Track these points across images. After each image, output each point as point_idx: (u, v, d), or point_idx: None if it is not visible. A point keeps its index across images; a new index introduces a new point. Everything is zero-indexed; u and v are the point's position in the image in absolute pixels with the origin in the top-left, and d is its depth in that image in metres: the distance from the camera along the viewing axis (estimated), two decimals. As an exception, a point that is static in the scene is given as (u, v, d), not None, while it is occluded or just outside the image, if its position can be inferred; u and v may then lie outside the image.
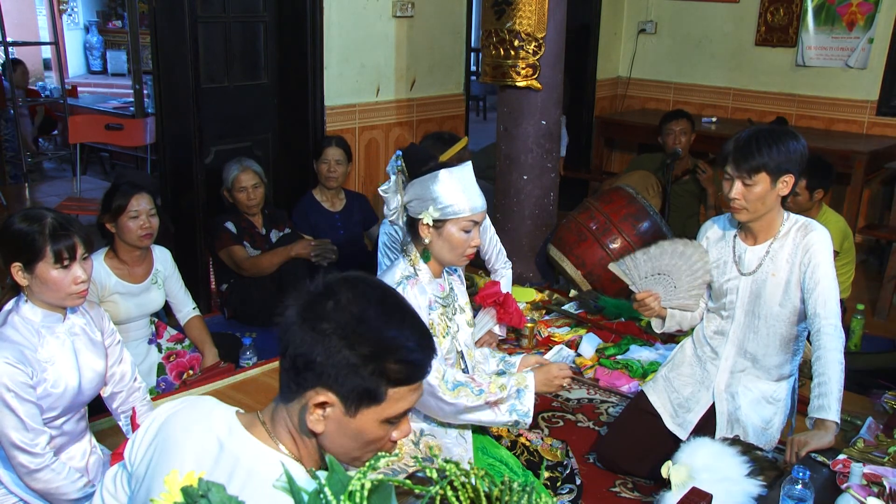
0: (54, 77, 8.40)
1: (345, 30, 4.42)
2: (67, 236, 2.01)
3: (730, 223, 2.59)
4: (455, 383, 2.13)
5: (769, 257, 2.46)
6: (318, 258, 3.80)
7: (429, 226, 2.14)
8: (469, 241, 2.16)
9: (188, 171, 4.00)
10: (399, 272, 2.20)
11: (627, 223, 4.04)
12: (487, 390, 2.16)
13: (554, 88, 4.23)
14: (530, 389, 2.22)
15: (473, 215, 2.15)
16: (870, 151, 4.79)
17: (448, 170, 2.12)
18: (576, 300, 4.02)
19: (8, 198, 6.04)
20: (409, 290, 2.15)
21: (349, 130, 4.56)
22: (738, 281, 2.51)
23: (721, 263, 2.56)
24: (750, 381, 2.55)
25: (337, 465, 1.06)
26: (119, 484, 1.31)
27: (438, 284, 2.26)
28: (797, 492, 1.90)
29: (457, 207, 2.12)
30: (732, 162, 2.37)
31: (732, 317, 2.54)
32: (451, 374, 2.14)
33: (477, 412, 2.17)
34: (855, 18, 5.17)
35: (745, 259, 2.50)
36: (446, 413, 2.17)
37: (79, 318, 2.17)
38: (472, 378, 2.18)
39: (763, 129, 2.41)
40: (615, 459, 2.68)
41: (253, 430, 1.22)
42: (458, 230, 2.14)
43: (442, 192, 2.11)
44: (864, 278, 4.75)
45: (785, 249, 2.44)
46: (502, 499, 1.10)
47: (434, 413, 2.19)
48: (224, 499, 0.99)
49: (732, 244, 2.55)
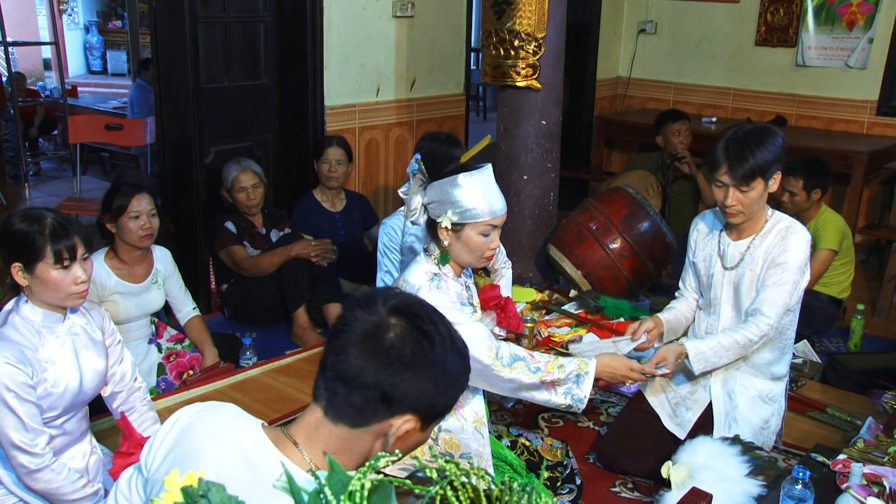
0: (54, 77, 8.41)
1: (345, 30, 4.42)
2: (67, 236, 2.01)
3: (718, 218, 2.61)
4: (512, 357, 2.14)
5: (749, 252, 2.48)
6: (318, 258, 3.80)
7: (447, 229, 2.13)
8: (488, 244, 2.16)
9: (188, 171, 4.00)
10: (425, 271, 2.19)
11: (627, 223, 4.04)
12: (544, 369, 2.16)
13: (554, 88, 4.23)
14: (590, 376, 2.22)
15: (493, 219, 2.14)
16: (870, 151, 4.79)
17: (468, 173, 2.11)
18: (576, 300, 4.02)
19: (8, 198, 6.05)
20: (443, 285, 2.16)
21: (349, 130, 4.56)
22: (721, 276, 2.54)
23: (707, 258, 2.59)
24: (746, 380, 2.55)
25: (337, 465, 1.05)
26: (134, 487, 1.28)
27: (460, 283, 2.28)
28: (797, 492, 1.90)
29: (476, 211, 2.10)
30: (728, 172, 2.35)
31: (718, 313, 2.57)
32: (505, 349, 2.15)
33: (533, 390, 2.18)
34: (855, 18, 5.17)
35: (728, 253, 2.53)
36: (503, 388, 2.19)
37: (79, 317, 2.17)
38: (532, 354, 2.18)
39: (748, 133, 2.37)
40: (614, 459, 2.69)
41: (282, 447, 1.20)
42: (476, 234, 2.14)
43: (461, 196, 2.09)
44: (864, 278, 4.75)
45: (764, 245, 2.45)
46: (502, 499, 1.10)
47: (492, 388, 2.20)
48: (224, 499, 0.99)
49: (718, 239, 2.57)
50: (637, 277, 4.08)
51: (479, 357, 2.09)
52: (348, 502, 0.99)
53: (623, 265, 4.03)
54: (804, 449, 2.72)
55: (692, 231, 2.68)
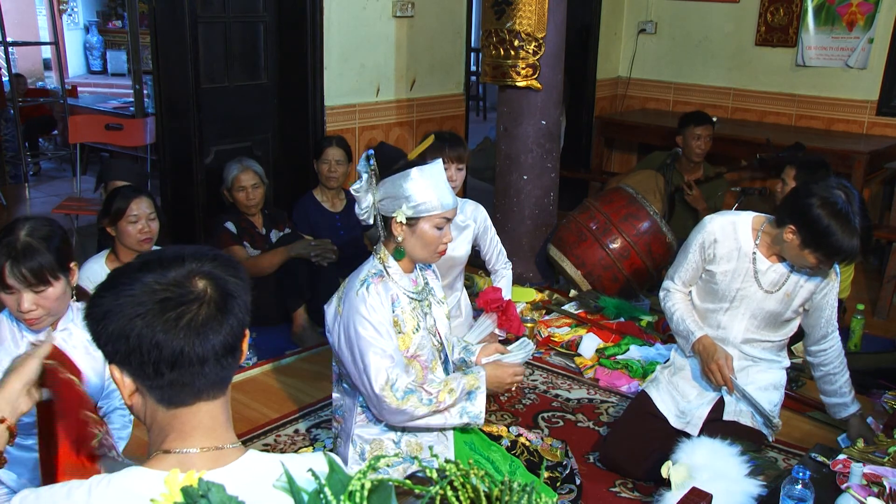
0: (54, 77, 8.40)
1: (345, 30, 4.42)
2: (31, 258, 1.94)
3: (746, 233, 2.58)
4: (406, 391, 2.16)
5: (791, 278, 2.54)
6: (318, 258, 3.80)
7: (402, 223, 2.17)
8: (441, 238, 2.21)
9: (188, 171, 4.01)
10: (367, 270, 2.25)
11: (627, 223, 4.04)
12: (437, 399, 2.20)
13: (554, 88, 4.23)
14: (482, 391, 2.28)
15: (445, 212, 2.19)
16: (870, 151, 4.78)
17: (419, 168, 2.16)
18: (576, 300, 4.02)
19: (8, 198, 6.05)
20: (372, 289, 2.19)
21: (349, 130, 4.56)
22: (754, 294, 2.57)
23: (731, 272, 2.58)
24: (758, 374, 2.64)
25: (337, 465, 1.06)
26: None
27: (411, 280, 2.30)
28: (797, 492, 1.90)
29: (429, 205, 2.15)
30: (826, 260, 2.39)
31: (736, 316, 2.60)
32: (402, 381, 2.16)
33: (427, 417, 2.21)
34: (855, 18, 5.17)
35: (766, 276, 2.55)
36: (396, 420, 2.21)
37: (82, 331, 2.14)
38: (422, 387, 2.20)
39: (853, 223, 2.32)
40: (619, 462, 2.68)
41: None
42: (430, 227, 2.18)
43: (414, 190, 2.14)
44: (864, 278, 4.75)
45: (805, 273, 2.53)
46: (502, 499, 1.10)
47: (386, 419, 2.22)
48: (224, 499, 0.98)
49: (752, 259, 2.56)
50: (637, 277, 4.08)
51: (371, 383, 2.13)
52: (348, 502, 0.99)
53: (623, 265, 4.03)
54: (804, 449, 2.72)
55: (704, 235, 2.63)
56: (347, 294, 2.21)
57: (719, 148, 4.94)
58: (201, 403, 1.13)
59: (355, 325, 2.15)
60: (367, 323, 2.15)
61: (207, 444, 1.13)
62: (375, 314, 2.16)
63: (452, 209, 2.21)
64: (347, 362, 2.20)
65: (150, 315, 1.06)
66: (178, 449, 1.12)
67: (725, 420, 2.57)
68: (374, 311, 2.16)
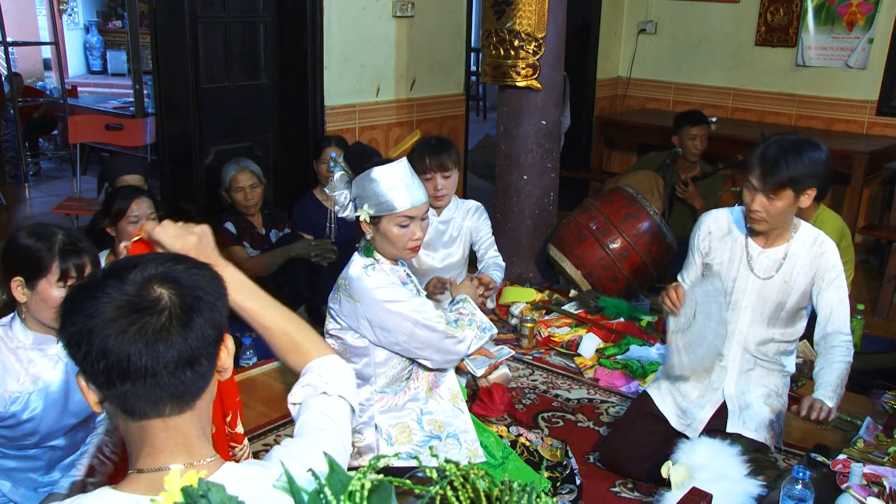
0: (54, 77, 8.40)
1: (345, 30, 4.42)
2: (77, 254, 1.94)
3: (738, 221, 2.58)
4: (455, 320, 2.35)
5: (786, 263, 2.49)
6: (318, 258, 3.80)
7: (366, 222, 2.22)
8: (409, 236, 2.23)
9: (188, 171, 4.01)
10: (360, 262, 2.29)
11: (627, 223, 4.04)
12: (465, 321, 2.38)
13: (554, 88, 4.23)
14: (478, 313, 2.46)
15: (407, 210, 2.20)
16: (870, 151, 4.78)
17: (381, 167, 2.18)
18: (576, 300, 4.02)
19: (8, 198, 6.05)
20: (380, 269, 2.27)
21: (349, 130, 4.56)
22: (747, 282, 2.53)
23: (728, 262, 2.56)
24: (760, 377, 2.59)
25: (337, 465, 1.06)
26: None
27: (397, 271, 2.36)
28: (797, 492, 1.90)
29: (388, 204, 2.18)
30: (760, 177, 2.36)
31: (738, 313, 2.56)
32: (446, 314, 2.34)
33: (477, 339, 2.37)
34: (855, 18, 5.17)
35: (759, 262, 2.51)
36: (450, 352, 2.33)
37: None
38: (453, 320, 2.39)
39: (790, 142, 2.38)
40: (619, 462, 2.68)
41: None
42: (393, 225, 2.21)
43: (376, 190, 2.17)
44: (864, 278, 4.75)
45: (801, 258, 2.48)
46: (502, 499, 1.10)
47: (438, 356, 2.33)
48: (224, 499, 0.98)
49: (745, 245, 2.54)
50: (637, 277, 4.08)
51: (432, 325, 2.24)
52: (348, 502, 0.99)
53: (623, 265, 4.03)
54: (804, 449, 2.72)
55: (700, 229, 2.64)
56: (355, 285, 2.25)
57: (720, 148, 4.94)
58: (167, 417, 1.08)
59: (384, 298, 2.23)
60: (390, 291, 2.24)
61: (181, 461, 1.08)
62: (392, 284, 2.26)
63: (415, 207, 2.21)
64: (391, 335, 2.25)
65: (104, 321, 1.02)
66: (149, 467, 1.08)
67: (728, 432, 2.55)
68: (389, 282, 2.25)
